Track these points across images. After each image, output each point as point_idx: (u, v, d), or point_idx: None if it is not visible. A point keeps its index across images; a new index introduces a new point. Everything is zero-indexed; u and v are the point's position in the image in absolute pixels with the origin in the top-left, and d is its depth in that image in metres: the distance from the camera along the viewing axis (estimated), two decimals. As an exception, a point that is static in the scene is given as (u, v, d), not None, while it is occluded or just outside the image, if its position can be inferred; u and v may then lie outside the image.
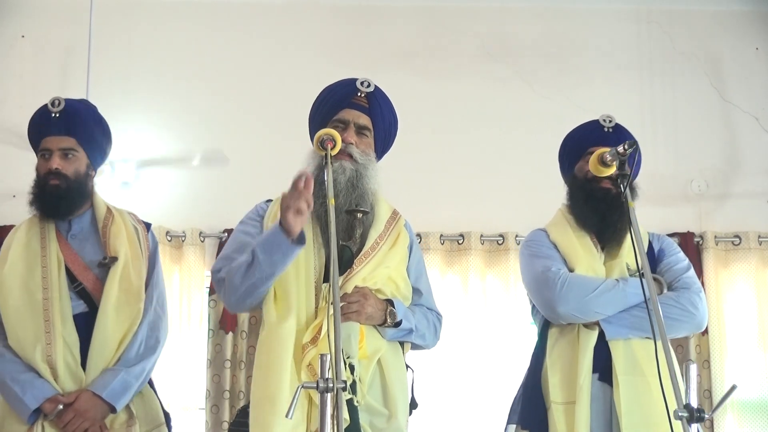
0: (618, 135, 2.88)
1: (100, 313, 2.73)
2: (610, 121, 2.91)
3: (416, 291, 2.64)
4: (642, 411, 2.61)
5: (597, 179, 2.71)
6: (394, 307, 2.48)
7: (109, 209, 2.92)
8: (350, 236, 2.48)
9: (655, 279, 2.80)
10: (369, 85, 2.63)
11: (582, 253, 2.81)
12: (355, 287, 2.43)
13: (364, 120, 2.60)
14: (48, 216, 2.86)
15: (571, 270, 2.79)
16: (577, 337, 2.75)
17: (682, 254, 2.94)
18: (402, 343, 2.58)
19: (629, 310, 2.71)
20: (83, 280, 2.79)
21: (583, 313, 2.71)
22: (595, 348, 2.72)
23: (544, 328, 2.86)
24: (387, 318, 2.46)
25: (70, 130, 2.84)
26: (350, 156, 2.52)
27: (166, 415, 2.87)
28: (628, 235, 2.70)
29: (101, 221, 2.87)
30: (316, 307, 2.43)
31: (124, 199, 4.13)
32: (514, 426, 2.84)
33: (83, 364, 2.72)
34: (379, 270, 2.49)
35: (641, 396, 2.62)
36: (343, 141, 2.49)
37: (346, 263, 2.45)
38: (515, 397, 2.92)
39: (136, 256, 2.85)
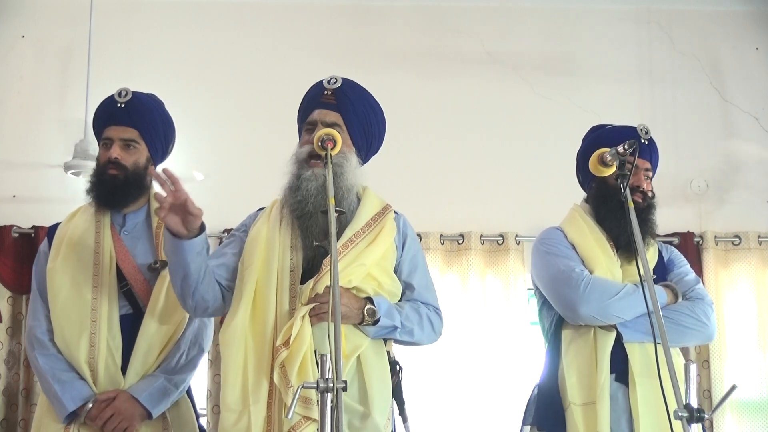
0: (651, 148, 2.91)
1: (146, 319, 2.71)
2: (647, 132, 2.90)
3: (408, 286, 2.59)
4: (658, 413, 2.62)
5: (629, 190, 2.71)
6: (373, 305, 2.43)
7: None
8: (324, 236, 2.41)
9: (668, 287, 2.83)
10: (335, 82, 2.60)
11: (601, 256, 2.82)
12: (326, 287, 2.38)
13: (333, 117, 2.56)
14: (103, 205, 2.82)
15: (589, 272, 2.80)
16: (593, 338, 2.76)
17: (689, 266, 3.00)
18: (385, 340, 2.54)
19: (645, 315, 2.72)
20: (132, 281, 2.76)
21: (604, 316, 2.72)
22: (611, 349, 2.74)
23: (557, 328, 2.85)
24: (365, 316, 2.42)
25: (133, 121, 2.80)
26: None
27: (201, 429, 2.85)
28: (644, 243, 2.74)
29: (156, 221, 2.83)
30: (293, 309, 2.41)
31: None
32: (529, 427, 2.84)
33: (124, 368, 2.70)
34: (352, 268, 2.44)
35: (657, 398, 2.63)
36: (310, 143, 2.50)
37: (317, 263, 2.44)
38: (530, 398, 2.91)
39: None
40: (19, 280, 4.32)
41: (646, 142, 2.88)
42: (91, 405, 2.65)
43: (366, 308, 2.42)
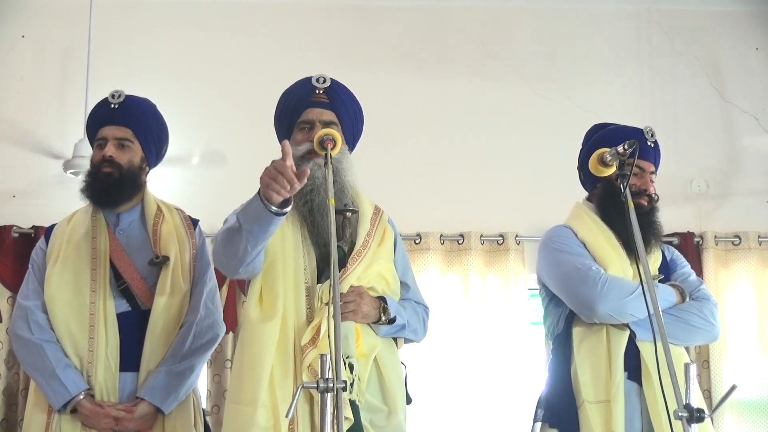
0: (656, 151, 2.91)
1: (152, 317, 2.72)
2: (653, 135, 2.90)
3: (404, 285, 2.65)
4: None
5: (634, 194, 2.70)
6: (386, 304, 2.49)
7: (159, 207, 2.90)
8: (340, 236, 2.48)
9: (676, 287, 2.86)
10: (325, 81, 2.63)
11: (613, 254, 2.83)
12: (351, 286, 2.44)
13: (328, 115, 2.60)
14: (98, 204, 2.84)
15: None
16: (606, 336, 2.76)
17: (689, 266, 3.02)
18: (396, 339, 2.59)
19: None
20: (128, 279, 2.77)
21: (620, 315, 2.73)
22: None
23: (567, 327, 2.85)
24: (381, 315, 2.47)
25: (127, 121, 2.84)
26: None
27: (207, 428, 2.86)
28: (650, 245, 2.79)
29: (151, 219, 2.85)
30: (309, 309, 2.43)
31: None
32: (540, 424, 2.84)
33: (122, 366, 2.71)
34: (372, 268, 2.51)
35: (670, 396, 2.63)
36: (309, 141, 2.51)
37: (339, 263, 2.42)
38: (540, 396, 2.91)
39: (184, 256, 2.83)
40: (19, 280, 4.24)
41: (652, 145, 2.88)
42: (82, 396, 2.65)
43: (381, 307, 2.48)
